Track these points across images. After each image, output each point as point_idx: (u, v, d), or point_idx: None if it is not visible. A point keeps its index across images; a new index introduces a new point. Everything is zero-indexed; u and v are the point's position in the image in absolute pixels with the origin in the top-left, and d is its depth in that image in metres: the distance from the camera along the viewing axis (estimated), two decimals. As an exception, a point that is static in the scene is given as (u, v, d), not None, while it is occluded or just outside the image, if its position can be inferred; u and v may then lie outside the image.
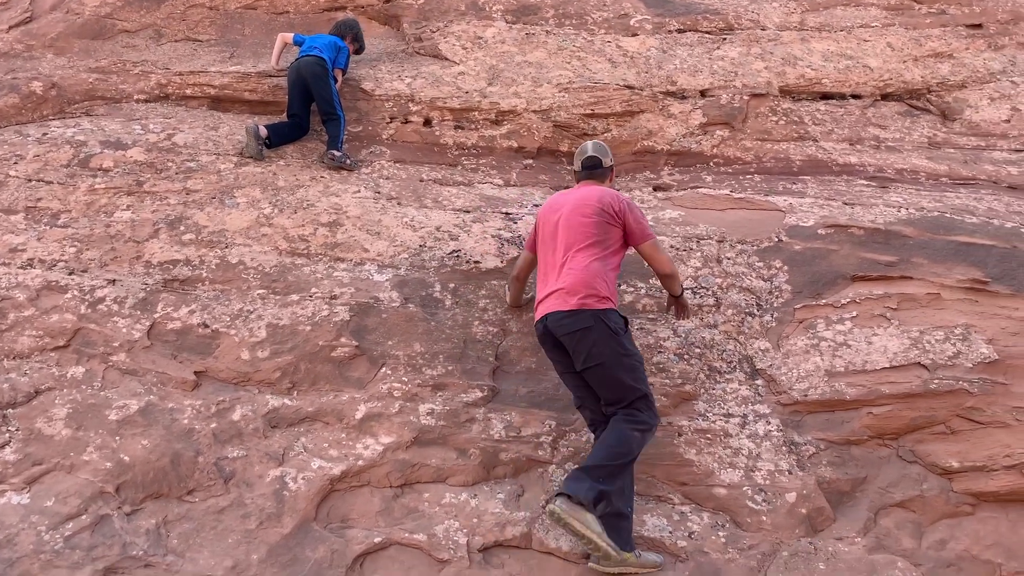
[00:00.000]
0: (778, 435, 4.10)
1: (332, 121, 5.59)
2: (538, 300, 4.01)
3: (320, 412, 4.04)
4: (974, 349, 4.29)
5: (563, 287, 3.84)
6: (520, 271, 4.41)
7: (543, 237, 4.12)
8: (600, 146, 4.35)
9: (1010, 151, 6.03)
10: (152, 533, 3.55)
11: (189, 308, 4.43)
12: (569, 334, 3.78)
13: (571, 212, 4.02)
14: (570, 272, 3.87)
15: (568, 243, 3.95)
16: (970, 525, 3.89)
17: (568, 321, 3.78)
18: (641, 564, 3.54)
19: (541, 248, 4.12)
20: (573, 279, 3.84)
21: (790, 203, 5.25)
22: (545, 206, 4.24)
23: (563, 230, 3.99)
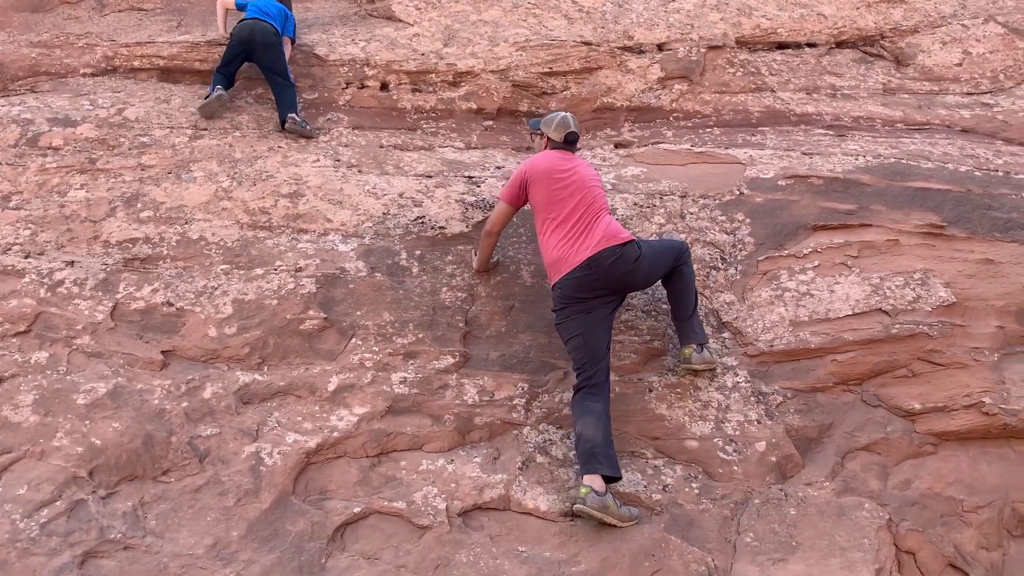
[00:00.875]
0: (746, 386, 4.18)
1: (287, 89, 5.49)
2: (564, 250, 4.03)
3: (292, 386, 4.03)
4: (933, 293, 4.39)
5: (608, 233, 4.05)
6: (495, 224, 4.37)
7: (553, 193, 4.14)
8: (577, 123, 4.50)
9: (962, 95, 6.11)
10: (129, 515, 3.54)
11: (152, 287, 4.36)
12: (630, 262, 4.00)
13: (585, 175, 4.23)
14: (607, 224, 4.09)
15: (594, 203, 4.14)
16: (933, 464, 4.01)
17: (624, 254, 4.00)
18: None
19: (553, 203, 4.13)
20: (609, 230, 4.06)
21: (750, 155, 5.29)
22: (544, 168, 4.21)
23: (586, 190, 4.16)
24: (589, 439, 3.72)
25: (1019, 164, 5.29)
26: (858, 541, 3.71)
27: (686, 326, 4.16)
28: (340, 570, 3.47)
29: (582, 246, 4.02)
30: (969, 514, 3.90)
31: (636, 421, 4.07)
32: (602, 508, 3.60)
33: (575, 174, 4.21)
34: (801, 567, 3.63)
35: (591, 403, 3.83)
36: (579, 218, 4.10)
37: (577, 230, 4.07)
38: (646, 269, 4.08)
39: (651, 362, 4.27)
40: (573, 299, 4.00)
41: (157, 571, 3.38)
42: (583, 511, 3.60)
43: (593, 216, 4.11)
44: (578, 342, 3.95)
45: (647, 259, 4.07)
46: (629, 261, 4.01)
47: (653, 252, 4.13)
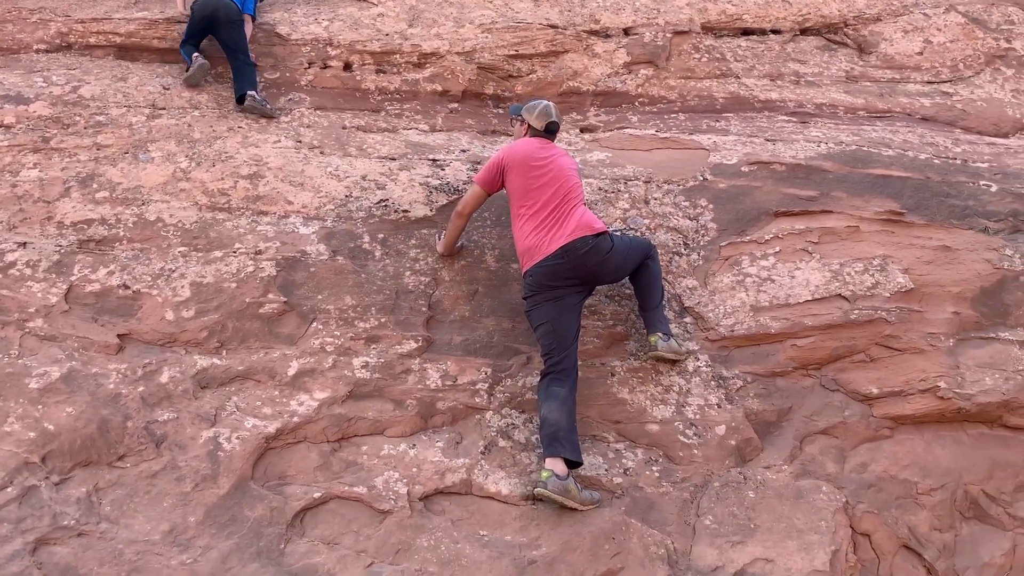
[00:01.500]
0: (707, 370, 4.21)
1: (247, 67, 5.39)
2: (539, 239, 4.03)
3: (251, 370, 3.98)
4: (891, 279, 4.44)
5: (582, 223, 4.07)
6: (466, 206, 4.34)
7: (529, 181, 4.14)
8: (559, 112, 4.55)
9: (923, 83, 6.18)
10: (83, 501, 3.48)
11: (108, 269, 4.27)
12: (602, 253, 4.04)
13: (563, 164, 4.24)
14: (582, 214, 4.12)
15: (570, 193, 4.16)
16: (889, 447, 4.08)
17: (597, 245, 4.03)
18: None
19: (529, 191, 4.13)
20: (585, 219, 4.10)
21: (714, 141, 5.30)
22: (522, 155, 4.21)
23: (563, 179, 4.17)
24: (553, 423, 3.73)
25: (977, 152, 5.38)
26: (815, 523, 3.77)
27: (652, 316, 4.18)
28: (299, 555, 3.45)
29: (556, 235, 4.03)
30: (923, 496, 3.98)
31: (598, 405, 4.08)
32: (563, 492, 3.61)
33: (553, 163, 4.22)
34: (759, 549, 3.68)
35: (557, 388, 3.83)
36: (555, 207, 4.10)
37: (552, 219, 4.08)
38: (616, 262, 4.10)
39: (614, 347, 4.28)
40: (544, 287, 4.00)
41: (112, 558, 3.33)
42: (544, 495, 3.61)
43: (568, 206, 4.12)
44: (547, 328, 3.96)
45: (619, 252, 4.10)
46: (601, 252, 4.03)
47: (624, 246, 4.16)
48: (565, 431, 3.72)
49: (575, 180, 4.26)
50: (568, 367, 3.92)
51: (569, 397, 3.84)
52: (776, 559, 3.64)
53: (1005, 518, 4.02)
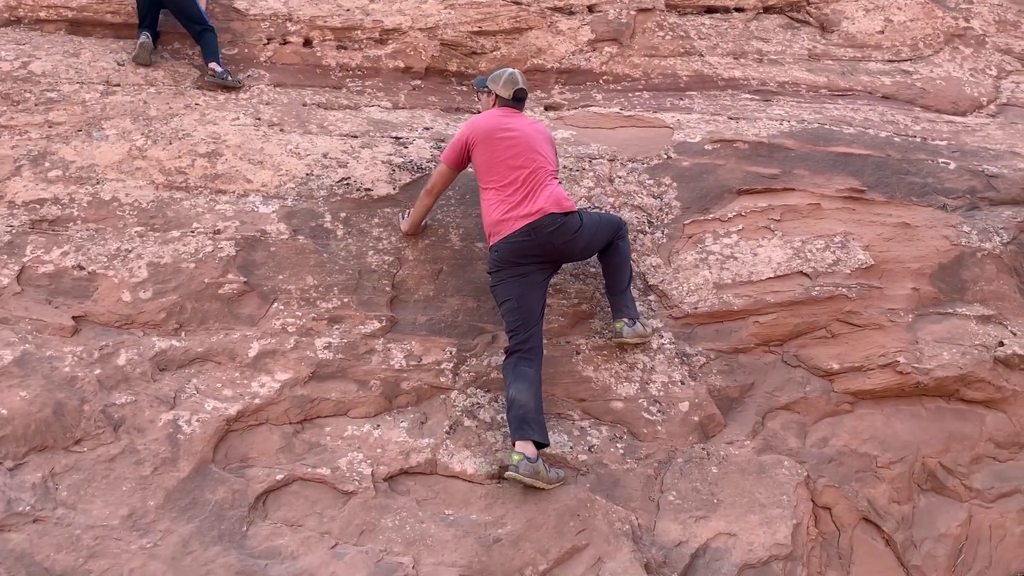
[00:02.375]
0: (671, 348, 4.23)
1: (205, 34, 5.27)
2: (504, 213, 3.96)
3: (211, 352, 3.91)
4: (852, 256, 4.49)
5: (552, 199, 3.97)
6: (435, 185, 4.27)
7: (495, 155, 4.05)
8: (525, 80, 4.44)
9: (883, 62, 6.23)
10: (39, 487, 3.40)
11: (61, 250, 4.17)
12: (571, 232, 3.96)
13: (533, 135, 4.14)
14: (552, 190, 4.02)
15: (539, 167, 4.05)
16: (849, 422, 4.14)
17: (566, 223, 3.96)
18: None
19: (497, 165, 4.04)
20: (554, 195, 4.00)
21: (678, 119, 5.30)
22: (486, 128, 4.12)
23: (530, 151, 4.07)
24: (522, 404, 3.70)
25: (936, 130, 5.44)
26: (777, 498, 3.81)
27: (619, 300, 4.15)
28: (262, 538, 3.41)
29: (523, 211, 3.96)
30: (882, 469, 4.04)
31: (563, 383, 4.08)
32: (533, 474, 3.61)
33: (520, 134, 4.11)
34: (722, 523, 3.72)
35: (525, 368, 3.81)
36: (523, 181, 4.02)
37: (520, 194, 4.00)
38: (585, 240, 4.05)
39: (579, 325, 4.28)
40: (509, 263, 3.95)
41: (69, 543, 3.27)
42: (516, 478, 3.61)
43: (537, 181, 4.03)
44: (511, 305, 3.92)
45: (587, 230, 4.04)
46: (569, 231, 3.98)
47: (594, 224, 4.09)
48: (533, 413, 3.70)
49: (545, 151, 4.15)
50: (535, 346, 3.89)
51: (536, 377, 3.82)
52: (739, 533, 3.68)
53: (961, 490, 4.11)
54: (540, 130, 4.24)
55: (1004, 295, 4.51)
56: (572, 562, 3.51)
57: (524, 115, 4.31)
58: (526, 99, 4.41)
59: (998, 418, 4.25)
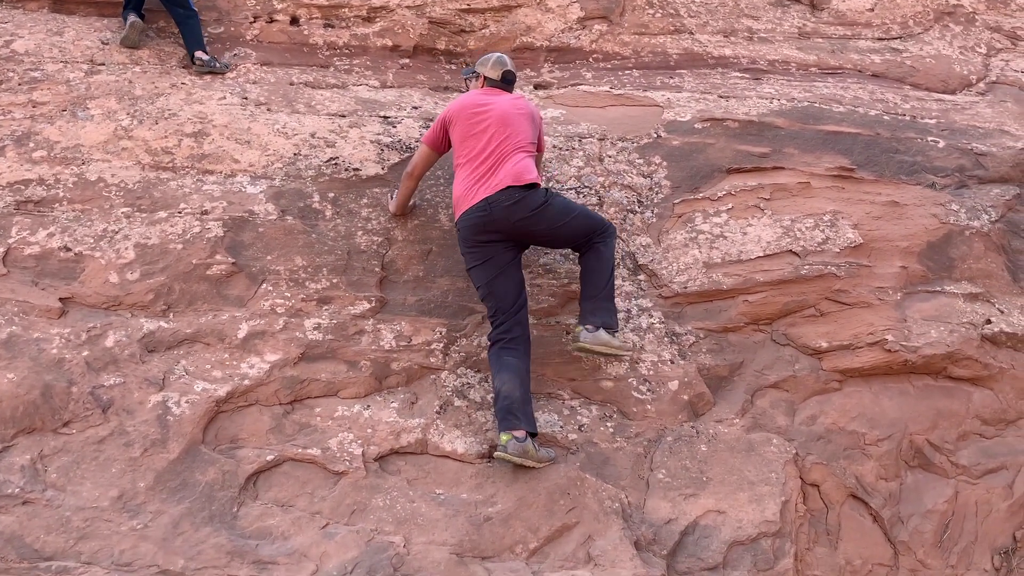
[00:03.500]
0: (660, 327, 4.23)
1: (189, 20, 5.20)
2: (467, 188, 3.91)
3: (199, 333, 3.90)
4: (841, 234, 4.50)
5: (508, 174, 3.88)
6: (416, 167, 4.25)
7: (467, 129, 4.00)
8: (513, 63, 4.40)
9: (873, 40, 6.21)
10: (28, 469, 3.40)
11: (47, 231, 4.14)
12: (531, 207, 3.84)
13: (509, 109, 4.05)
14: (513, 165, 3.91)
15: (508, 141, 3.97)
16: (837, 400, 4.16)
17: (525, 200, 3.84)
18: None
19: (467, 139, 4.00)
20: (516, 169, 3.90)
21: (668, 98, 5.28)
22: (462, 105, 4.09)
23: (501, 125, 3.99)
24: (507, 395, 3.67)
25: (925, 109, 5.43)
26: (766, 475, 3.84)
27: (587, 304, 3.91)
28: (253, 518, 3.42)
29: (483, 185, 3.89)
30: (870, 447, 4.07)
31: (553, 363, 4.08)
32: (522, 453, 3.61)
33: (494, 109, 4.04)
34: (711, 501, 3.74)
35: (509, 358, 3.76)
36: (488, 155, 3.95)
37: (484, 168, 3.93)
38: (548, 222, 3.88)
39: (569, 305, 4.27)
40: (472, 242, 3.89)
41: (59, 525, 3.27)
42: (505, 458, 3.61)
43: (504, 155, 3.94)
44: (484, 292, 3.89)
45: (553, 213, 3.88)
46: (529, 207, 3.84)
47: (564, 210, 3.92)
48: (519, 403, 3.66)
49: (519, 124, 4.02)
50: (518, 335, 3.82)
51: (521, 366, 3.76)
52: (728, 511, 3.71)
53: (948, 466, 4.14)
54: (520, 105, 4.13)
55: (992, 273, 4.53)
56: (562, 540, 3.53)
57: (504, 93, 4.21)
58: (515, 82, 4.36)
59: (985, 395, 4.28)
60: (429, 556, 3.39)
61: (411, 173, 4.27)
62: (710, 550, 3.60)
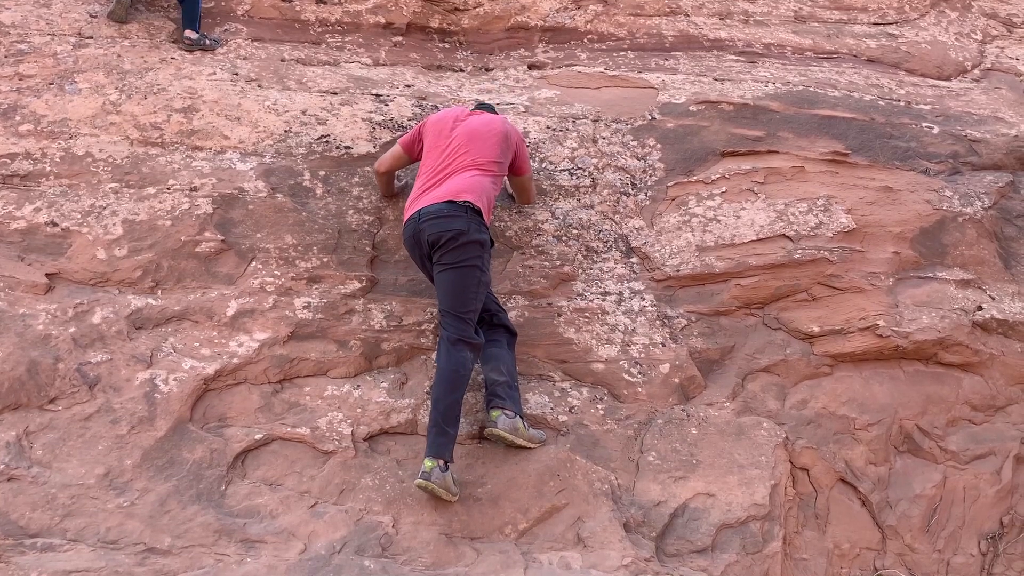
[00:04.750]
0: (652, 310, 4.22)
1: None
2: (412, 200, 3.88)
3: (188, 311, 3.86)
4: (834, 219, 4.48)
5: (449, 189, 3.77)
6: (382, 163, 4.22)
7: (434, 141, 3.98)
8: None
9: (869, 24, 6.18)
10: (13, 446, 3.36)
11: (34, 206, 4.08)
12: (443, 229, 3.67)
13: (478, 127, 3.97)
14: (460, 180, 3.81)
15: (466, 155, 3.88)
16: (828, 384, 4.16)
17: (445, 219, 3.68)
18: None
19: (430, 152, 3.97)
20: (461, 185, 3.79)
21: (663, 80, 5.24)
22: (440, 116, 4.08)
23: (464, 140, 3.92)
24: (492, 380, 3.71)
25: (920, 95, 5.42)
26: (756, 458, 3.84)
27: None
28: (241, 497, 3.40)
29: (424, 197, 3.81)
30: (860, 431, 4.08)
31: (544, 345, 4.07)
32: (513, 430, 3.61)
33: (464, 126, 3.97)
34: (701, 484, 3.74)
35: (491, 349, 3.77)
36: (439, 169, 3.88)
37: (432, 181, 3.86)
38: (451, 255, 3.66)
39: (560, 287, 4.26)
40: (413, 258, 3.90)
41: (45, 502, 3.24)
42: (494, 434, 3.61)
43: (456, 170, 3.85)
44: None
45: (462, 247, 3.65)
46: (442, 225, 3.66)
47: (475, 258, 3.67)
48: (503, 387, 3.68)
49: (484, 143, 3.90)
50: (495, 329, 3.82)
51: (504, 355, 3.76)
52: (717, 493, 3.71)
53: (937, 451, 4.15)
54: (491, 124, 3.99)
55: (984, 260, 4.53)
56: (552, 521, 3.52)
57: (485, 113, 4.11)
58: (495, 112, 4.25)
59: (974, 381, 4.28)
60: (418, 536, 3.38)
61: (377, 169, 4.25)
62: (699, 532, 3.60)
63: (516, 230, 4.36)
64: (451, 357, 3.56)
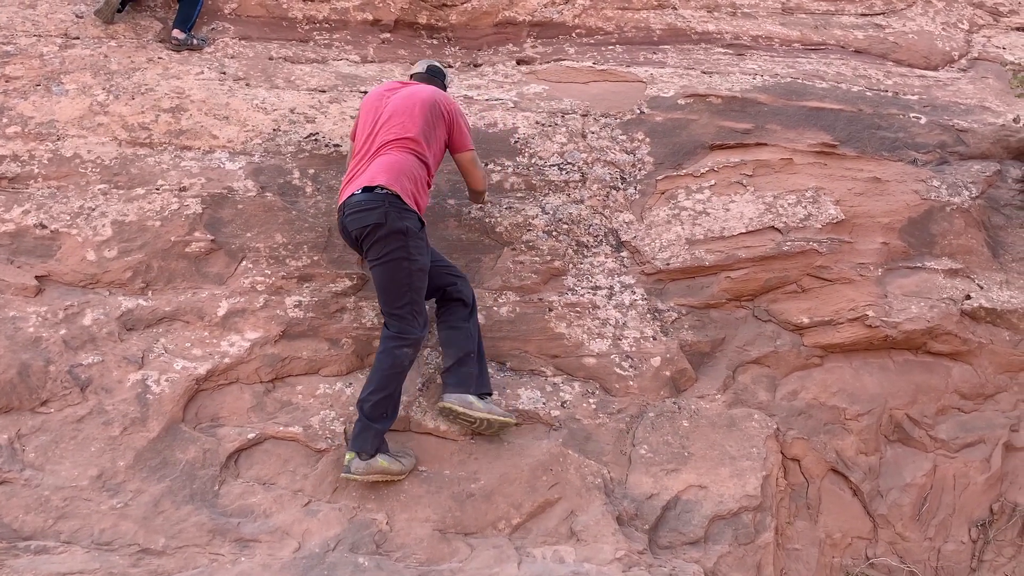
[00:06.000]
0: (643, 304, 4.23)
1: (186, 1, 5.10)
2: (341, 189, 3.75)
3: (179, 311, 3.86)
4: (823, 210, 4.50)
5: (368, 175, 3.60)
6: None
7: (364, 121, 3.84)
8: (436, 67, 4.18)
9: (856, 15, 6.19)
10: (5, 448, 3.36)
11: (22, 208, 4.07)
12: (361, 224, 3.53)
13: (401, 101, 3.78)
14: (378, 163, 3.63)
15: (387, 132, 3.70)
16: (819, 375, 4.18)
17: (362, 212, 3.53)
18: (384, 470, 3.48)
19: (360, 134, 3.82)
20: (376, 168, 3.61)
21: (651, 74, 5.25)
22: (372, 93, 3.93)
23: (387, 117, 3.73)
24: (443, 369, 3.71)
25: (907, 85, 5.44)
26: (747, 450, 3.86)
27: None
28: (234, 496, 3.40)
29: (349, 185, 3.67)
30: (851, 422, 4.10)
31: (536, 340, 4.08)
32: (465, 404, 3.56)
33: (391, 102, 3.79)
34: (693, 476, 3.76)
35: (443, 332, 3.75)
36: (363, 153, 3.71)
37: (356, 169, 3.70)
38: (376, 247, 3.51)
39: (551, 282, 4.26)
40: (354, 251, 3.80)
41: (38, 504, 3.24)
42: (447, 406, 3.56)
43: (376, 153, 3.66)
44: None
45: (382, 239, 3.50)
46: (362, 219, 3.52)
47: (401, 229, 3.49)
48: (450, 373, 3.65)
49: (406, 116, 3.69)
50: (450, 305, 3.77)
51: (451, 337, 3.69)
52: (709, 485, 3.73)
53: (927, 440, 4.18)
54: (415, 95, 3.79)
55: (972, 249, 4.55)
56: (545, 515, 3.54)
57: (420, 84, 3.96)
58: (442, 77, 4.13)
59: (964, 370, 4.31)
60: (412, 532, 3.39)
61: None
62: (692, 524, 3.62)
63: (506, 226, 4.37)
64: (386, 355, 3.49)
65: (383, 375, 3.48)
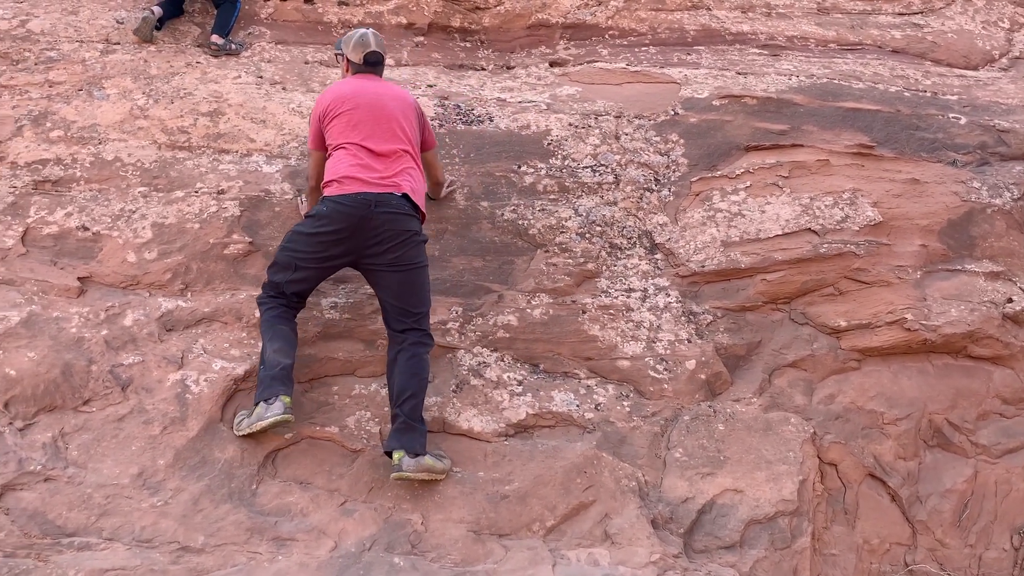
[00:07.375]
0: (677, 306, 4.21)
1: (224, 5, 5.17)
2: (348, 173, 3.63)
3: (217, 312, 3.91)
4: (860, 212, 4.45)
5: (401, 183, 3.66)
6: (312, 177, 3.94)
7: (350, 123, 3.71)
8: (381, 40, 3.99)
9: (894, 15, 6.12)
10: (49, 446, 3.43)
11: (65, 211, 4.15)
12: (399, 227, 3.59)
13: (394, 105, 3.79)
14: (406, 173, 3.71)
15: (395, 136, 3.74)
16: (856, 379, 4.13)
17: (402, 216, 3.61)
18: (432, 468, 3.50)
19: (349, 133, 3.71)
20: (412, 182, 3.71)
21: (685, 75, 5.23)
22: (328, 97, 3.80)
23: (388, 119, 3.74)
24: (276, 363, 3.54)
25: (946, 85, 5.36)
26: (783, 454, 3.82)
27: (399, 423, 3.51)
28: (272, 495, 3.44)
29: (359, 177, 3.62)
30: (889, 426, 4.05)
31: (569, 343, 4.07)
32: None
33: (372, 98, 3.76)
34: (728, 480, 3.73)
35: (282, 326, 3.65)
36: (371, 150, 3.68)
37: (369, 162, 3.65)
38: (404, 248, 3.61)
39: (584, 284, 4.26)
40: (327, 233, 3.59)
41: (81, 502, 3.30)
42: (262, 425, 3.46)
43: (392, 152, 3.71)
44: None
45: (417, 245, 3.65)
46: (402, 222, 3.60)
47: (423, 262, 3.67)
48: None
49: (406, 124, 3.77)
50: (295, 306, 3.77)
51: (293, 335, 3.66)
52: (745, 489, 3.70)
53: (967, 446, 4.12)
54: (406, 98, 3.87)
55: (1013, 251, 4.48)
56: (579, 518, 3.53)
57: (379, 79, 3.91)
58: (382, 63, 3.98)
59: (1005, 374, 4.24)
60: (447, 533, 3.41)
61: (312, 186, 3.95)
62: (727, 528, 3.60)
63: (539, 228, 4.37)
64: (419, 360, 3.59)
65: (422, 380, 3.56)
